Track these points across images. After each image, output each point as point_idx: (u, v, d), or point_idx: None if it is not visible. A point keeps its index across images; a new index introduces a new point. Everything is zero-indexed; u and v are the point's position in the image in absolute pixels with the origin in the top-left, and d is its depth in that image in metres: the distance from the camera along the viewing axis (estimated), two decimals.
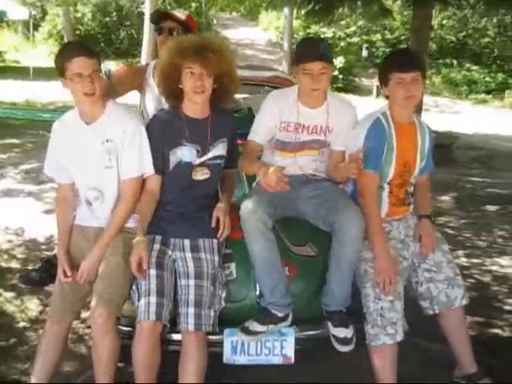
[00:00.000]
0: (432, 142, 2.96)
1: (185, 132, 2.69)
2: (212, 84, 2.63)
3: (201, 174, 2.70)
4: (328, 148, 2.92)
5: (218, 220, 2.70)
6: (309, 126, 2.85)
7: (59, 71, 2.55)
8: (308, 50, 2.75)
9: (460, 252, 5.07)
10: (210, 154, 2.73)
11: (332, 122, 2.85)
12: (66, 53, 2.55)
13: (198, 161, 2.70)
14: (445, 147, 8.83)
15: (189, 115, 2.72)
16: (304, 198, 2.85)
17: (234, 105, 3.06)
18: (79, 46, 2.64)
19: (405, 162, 2.83)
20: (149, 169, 2.70)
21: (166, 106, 2.94)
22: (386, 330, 2.63)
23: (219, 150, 2.75)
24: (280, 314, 2.60)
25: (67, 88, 2.59)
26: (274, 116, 2.84)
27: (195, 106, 2.69)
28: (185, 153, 2.67)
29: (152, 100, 3.24)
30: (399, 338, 2.65)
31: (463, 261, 4.87)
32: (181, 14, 3.33)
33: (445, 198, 7.10)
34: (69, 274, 2.65)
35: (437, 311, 2.84)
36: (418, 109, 6.45)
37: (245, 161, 2.85)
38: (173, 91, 2.70)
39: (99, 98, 2.61)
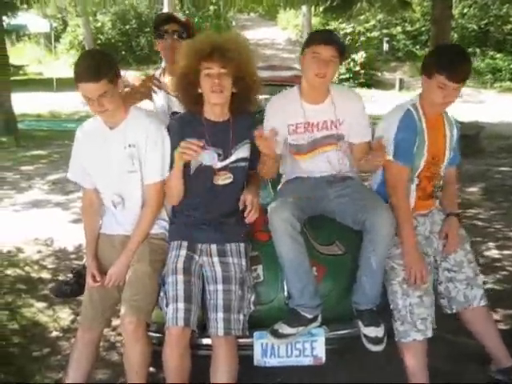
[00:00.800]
0: (458, 133, 2.92)
1: (205, 136, 2.65)
2: (231, 85, 2.58)
3: (223, 179, 2.66)
4: (344, 141, 2.85)
5: (245, 204, 2.65)
6: (318, 123, 2.80)
7: (76, 86, 2.52)
8: (320, 35, 2.76)
9: (491, 244, 4.98)
10: (233, 157, 2.69)
11: (340, 114, 2.79)
12: (75, 75, 2.48)
13: (219, 164, 2.66)
14: (471, 138, 8.68)
15: (209, 118, 2.69)
16: (331, 197, 2.81)
17: (256, 105, 3.02)
18: (86, 68, 2.46)
19: (434, 154, 2.79)
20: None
21: (175, 102, 2.96)
22: (416, 326, 2.61)
23: (242, 152, 2.71)
24: (309, 316, 2.57)
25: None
26: (280, 123, 2.78)
27: (215, 108, 2.65)
28: (204, 156, 2.61)
29: (161, 98, 3.26)
30: (430, 333, 2.63)
31: (494, 253, 4.79)
32: (180, 16, 3.38)
33: (473, 189, 6.97)
34: (98, 278, 2.68)
35: (454, 311, 2.84)
36: None
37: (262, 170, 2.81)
38: (192, 97, 2.67)
39: (116, 109, 2.59)
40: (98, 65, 2.47)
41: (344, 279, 2.74)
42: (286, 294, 2.66)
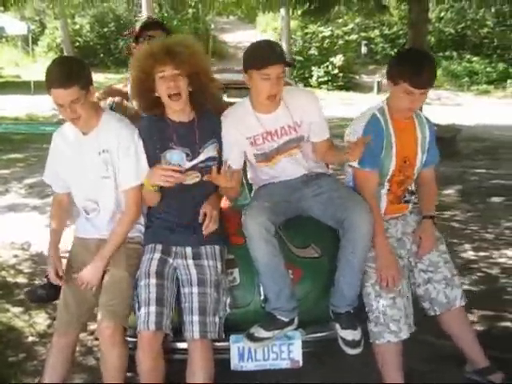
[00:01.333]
0: (433, 133, 2.92)
1: (172, 136, 2.67)
2: (187, 85, 2.59)
3: (191, 178, 2.65)
4: (305, 141, 2.85)
5: (205, 215, 2.66)
6: (276, 131, 2.77)
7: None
8: (268, 53, 2.58)
9: (467, 245, 5.04)
10: (201, 157, 2.69)
11: (297, 116, 2.77)
12: (46, 81, 2.48)
13: (188, 164, 2.67)
14: (448, 140, 8.75)
15: (174, 119, 2.70)
16: (308, 196, 2.82)
17: (218, 105, 3.01)
18: (57, 74, 2.47)
19: (405, 157, 2.80)
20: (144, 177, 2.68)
21: None
22: (390, 328, 2.62)
23: (210, 151, 2.72)
24: (285, 319, 2.58)
25: None
26: (237, 137, 2.76)
27: (177, 111, 2.67)
28: (173, 156, 2.64)
29: None
30: (404, 335, 2.64)
31: (470, 254, 4.84)
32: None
33: (449, 191, 7.05)
34: (60, 273, 2.66)
35: (438, 313, 2.82)
36: None
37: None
38: (149, 101, 2.67)
39: (89, 116, 2.59)
40: (70, 71, 2.47)
41: (320, 282, 2.75)
42: (262, 297, 2.67)
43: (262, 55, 2.60)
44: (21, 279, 4.41)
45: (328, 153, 2.87)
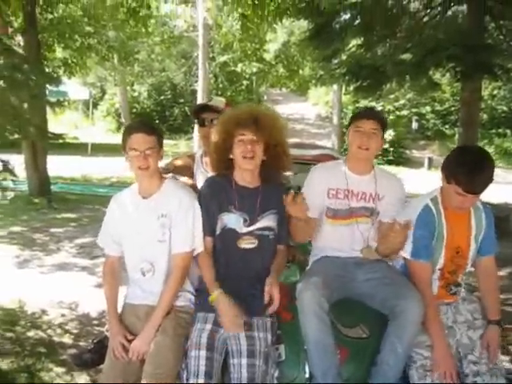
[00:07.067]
0: (491, 221, 2.85)
1: (234, 199, 2.74)
2: (262, 152, 2.70)
3: (246, 243, 2.71)
4: (377, 216, 2.88)
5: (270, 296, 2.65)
6: (358, 193, 2.86)
7: (123, 145, 2.70)
8: (363, 111, 2.98)
9: None
10: (259, 225, 2.74)
11: (380, 190, 2.86)
12: (129, 128, 2.74)
13: (245, 229, 2.73)
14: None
15: (239, 183, 2.77)
16: (360, 280, 2.80)
17: (285, 182, 3.10)
18: (141, 123, 2.84)
19: (457, 247, 2.76)
20: (199, 245, 2.74)
21: None
22: None
23: (268, 221, 2.77)
24: None
25: (128, 162, 2.72)
26: (321, 187, 2.86)
27: (245, 174, 2.75)
28: (231, 219, 2.72)
29: (203, 179, 3.34)
30: None
31: None
32: (219, 103, 3.53)
33: (502, 273, 6.82)
34: (127, 346, 2.65)
35: None
36: None
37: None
38: (224, 163, 2.78)
39: (155, 172, 2.73)
40: (151, 124, 2.80)
41: (366, 363, 2.68)
42: (307, 374, 2.62)
43: (358, 112, 3.01)
44: (66, 339, 4.44)
45: (387, 235, 2.81)
